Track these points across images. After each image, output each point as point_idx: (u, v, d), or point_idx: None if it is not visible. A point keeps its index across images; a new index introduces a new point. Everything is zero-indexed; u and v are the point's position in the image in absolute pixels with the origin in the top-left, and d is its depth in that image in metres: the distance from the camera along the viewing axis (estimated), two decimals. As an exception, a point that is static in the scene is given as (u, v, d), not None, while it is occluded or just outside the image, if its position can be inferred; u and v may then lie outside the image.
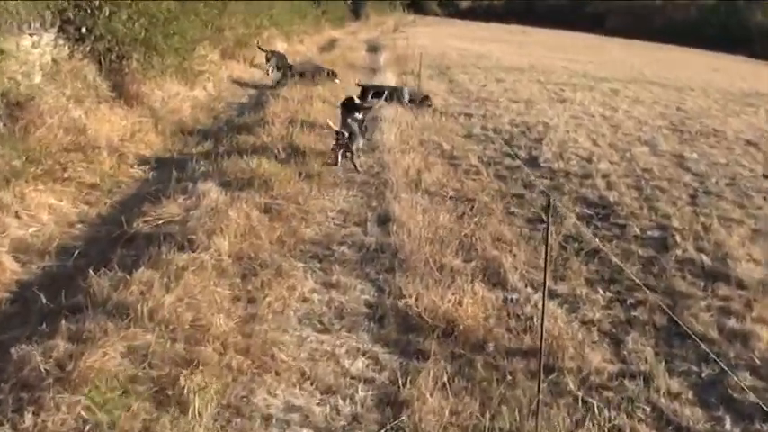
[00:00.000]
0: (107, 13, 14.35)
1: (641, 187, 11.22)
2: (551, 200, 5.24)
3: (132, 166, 11.27)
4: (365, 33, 51.99)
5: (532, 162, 12.62)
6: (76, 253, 7.76)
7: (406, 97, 17.28)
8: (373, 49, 36.44)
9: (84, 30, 14.23)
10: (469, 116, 16.61)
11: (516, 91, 21.39)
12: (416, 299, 6.70)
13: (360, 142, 11.82)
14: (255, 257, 7.44)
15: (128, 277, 6.55)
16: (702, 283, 7.71)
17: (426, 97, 17.76)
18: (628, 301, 7.21)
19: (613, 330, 6.69)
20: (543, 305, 5.27)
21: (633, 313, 6.98)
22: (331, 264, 7.61)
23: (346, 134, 11.28)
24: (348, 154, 11.39)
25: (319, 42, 40.33)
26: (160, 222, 8.33)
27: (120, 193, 10.08)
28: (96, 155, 11.03)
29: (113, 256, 7.39)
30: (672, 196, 10.84)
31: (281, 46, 29.28)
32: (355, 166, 11.47)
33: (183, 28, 16.83)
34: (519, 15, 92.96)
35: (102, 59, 15.01)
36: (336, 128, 11.50)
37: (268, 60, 22.22)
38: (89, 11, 14.15)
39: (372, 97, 16.76)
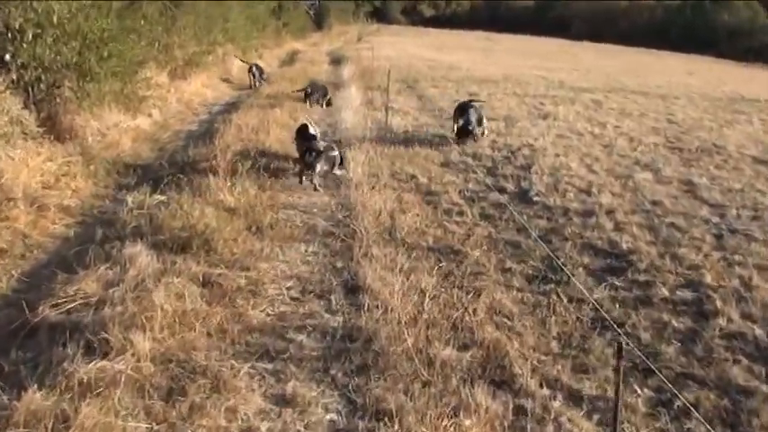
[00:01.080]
0: (30, 37, 12.52)
1: (655, 227, 9.51)
2: (621, 342, 3.54)
3: (53, 222, 9.44)
4: (328, 44, 50.44)
5: (523, 196, 10.92)
6: (-40, 356, 5.97)
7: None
8: (337, 61, 34.77)
9: (7, 57, 12.45)
10: (445, 138, 14.89)
11: (493, 106, 19.69)
12: (400, 419, 4.96)
13: (323, 165, 11.21)
14: (187, 360, 5.65)
15: (14, 404, 4.83)
16: (763, 371, 5.98)
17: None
18: (676, 405, 5.46)
19: (667, 457, 4.99)
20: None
21: (687, 426, 5.25)
22: (285, 364, 5.78)
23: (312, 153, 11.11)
24: (309, 173, 11.17)
25: (280, 55, 38.72)
26: (72, 306, 6.54)
27: (33, 260, 8.26)
28: (10, 209, 9.26)
29: (5, 363, 5.64)
30: (693, 238, 9.13)
31: (236, 63, 27.60)
32: (315, 186, 11.11)
33: (121, 49, 14.99)
34: (483, 22, 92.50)
35: (31, 89, 13.27)
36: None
37: (250, 70, 23.99)
38: (9, 35, 12.35)
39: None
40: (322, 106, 19.32)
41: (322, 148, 11.21)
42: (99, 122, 14.34)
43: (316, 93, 19.56)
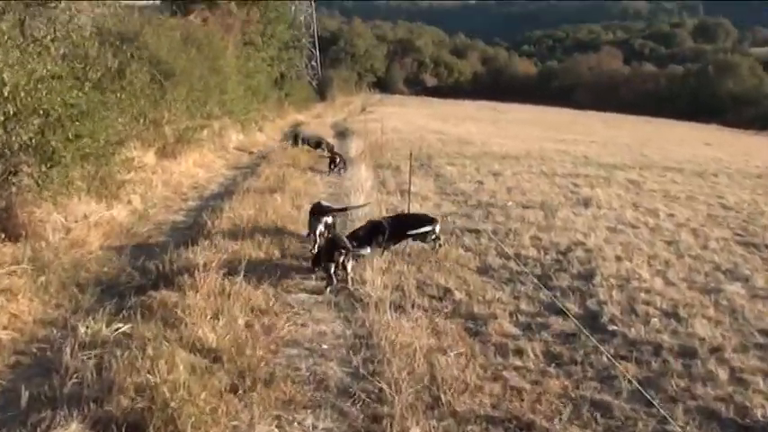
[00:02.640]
0: (-25, 115, 10.32)
1: (784, 376, 7.06)
2: None
3: (-25, 367, 7.00)
4: (331, 116, 48.57)
5: (593, 322, 8.41)
6: None
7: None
8: (342, 134, 32.57)
9: (-48, 140, 10.30)
10: (476, 233, 12.50)
11: (522, 189, 17.37)
12: None
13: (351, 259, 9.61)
14: None
15: None
16: None
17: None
18: None
19: None
20: None
21: None
22: None
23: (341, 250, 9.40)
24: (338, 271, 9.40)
25: (282, 128, 36.57)
26: None
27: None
28: None
29: None
30: None
31: (235, 137, 25.42)
32: (347, 282, 9.46)
33: (93, 127, 12.69)
34: (486, 92, 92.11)
35: (-18, 178, 11.07)
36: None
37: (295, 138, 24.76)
38: (-51, 112, 10.17)
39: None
40: (339, 173, 19.37)
41: (349, 246, 9.64)
42: (64, 214, 11.99)
43: (340, 162, 19.92)
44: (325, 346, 7.52)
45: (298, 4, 66.30)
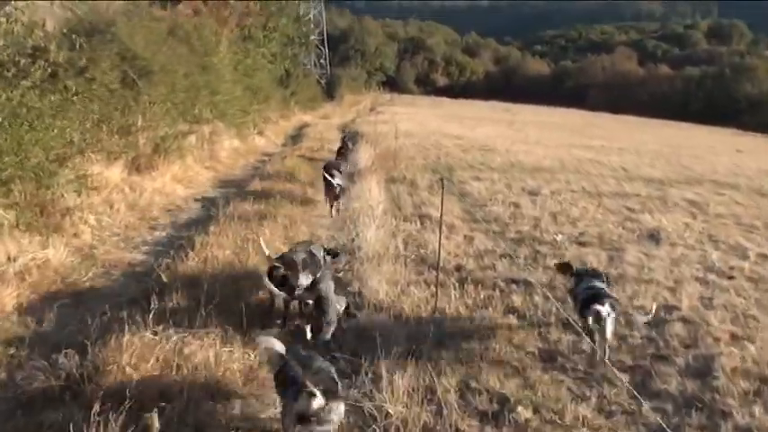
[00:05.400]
0: None
1: None
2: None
3: None
4: (339, 117, 45.39)
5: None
6: None
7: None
8: (351, 138, 29.33)
9: None
10: (527, 287, 9.32)
11: (569, 215, 14.15)
12: None
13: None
14: None
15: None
16: None
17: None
18: None
19: None
20: None
21: None
22: None
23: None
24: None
25: (287, 130, 33.40)
26: None
27: None
28: None
29: None
30: None
31: (228, 144, 22.28)
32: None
33: (19, 141, 9.66)
34: (498, 92, 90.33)
35: None
36: None
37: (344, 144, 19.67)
38: None
39: None
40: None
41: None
42: (-24, 260, 8.94)
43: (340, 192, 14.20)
44: None
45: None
